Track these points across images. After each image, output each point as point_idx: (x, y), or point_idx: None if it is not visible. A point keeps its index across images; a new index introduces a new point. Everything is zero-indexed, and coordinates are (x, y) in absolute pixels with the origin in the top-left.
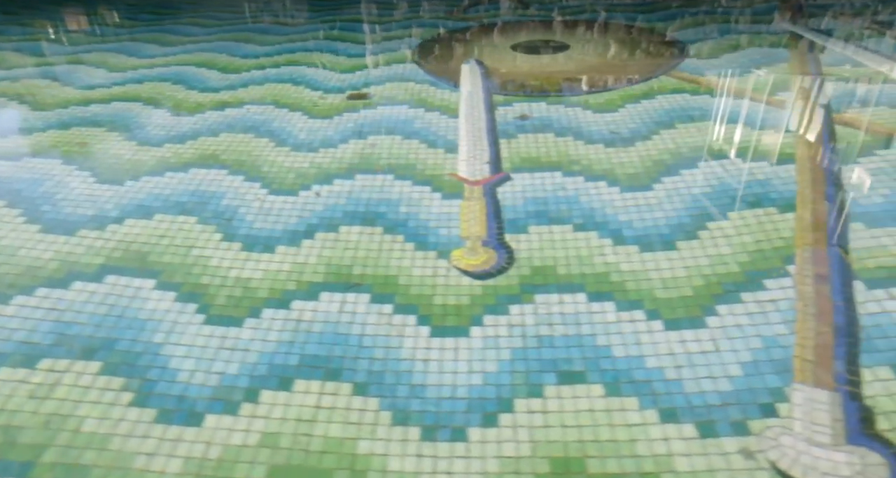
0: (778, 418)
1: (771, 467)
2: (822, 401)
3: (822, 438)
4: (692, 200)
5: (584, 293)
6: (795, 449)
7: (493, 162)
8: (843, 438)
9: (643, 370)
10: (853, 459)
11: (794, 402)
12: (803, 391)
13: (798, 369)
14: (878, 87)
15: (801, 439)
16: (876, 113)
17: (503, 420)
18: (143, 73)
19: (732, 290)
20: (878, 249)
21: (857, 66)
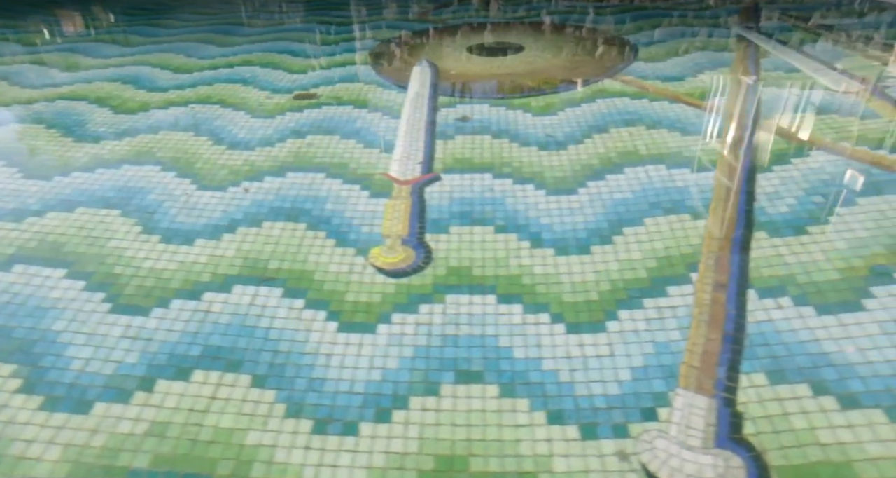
0: (657, 422)
1: (642, 468)
2: (700, 406)
3: (693, 441)
4: (613, 205)
5: (495, 295)
6: (667, 452)
7: (426, 162)
8: (712, 441)
9: (539, 372)
10: (717, 461)
11: (675, 407)
12: (684, 397)
13: (683, 375)
14: (807, 94)
15: (674, 442)
16: (799, 120)
17: (396, 417)
18: (95, 73)
19: (636, 295)
20: (775, 258)
21: (793, 72)
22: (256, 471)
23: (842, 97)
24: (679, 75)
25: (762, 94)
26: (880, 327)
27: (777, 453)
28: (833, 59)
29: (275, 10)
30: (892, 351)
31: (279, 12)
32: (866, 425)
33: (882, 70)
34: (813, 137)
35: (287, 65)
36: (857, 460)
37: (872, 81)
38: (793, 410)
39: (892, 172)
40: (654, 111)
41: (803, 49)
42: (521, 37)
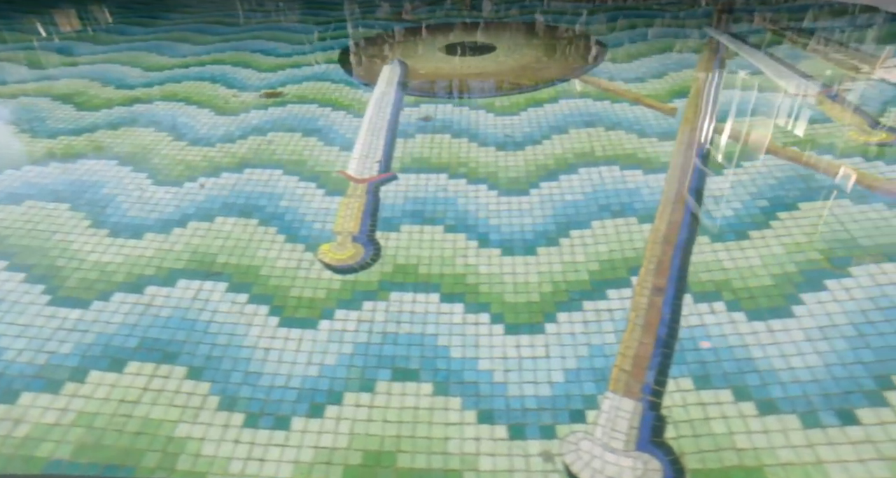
0: (584, 424)
1: (565, 469)
2: (626, 409)
3: (616, 444)
4: (563, 206)
5: (439, 294)
6: (590, 454)
7: (384, 161)
8: (633, 444)
9: (474, 372)
10: (637, 464)
11: (602, 409)
12: (612, 400)
13: (614, 378)
14: (765, 97)
15: (598, 444)
16: (753, 123)
17: (329, 412)
18: (65, 70)
19: (576, 298)
20: (714, 263)
21: (755, 76)
22: (182, 463)
23: (798, 101)
24: (644, 77)
25: (721, 97)
26: (805, 334)
27: (694, 456)
28: (796, 62)
29: (255, 9)
30: (813, 357)
31: (260, 11)
32: (780, 430)
33: (841, 74)
34: (765, 141)
35: (257, 63)
36: (769, 465)
37: (829, 85)
38: (714, 414)
39: (834, 177)
40: (614, 113)
41: (769, 52)
42: (496, 37)
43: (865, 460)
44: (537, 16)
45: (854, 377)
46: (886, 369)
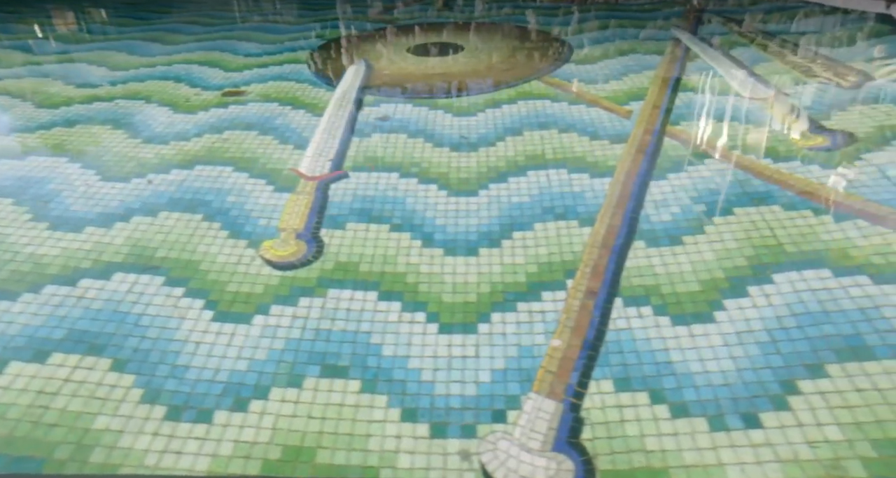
0: (505, 424)
1: (480, 468)
2: (547, 410)
3: (533, 444)
4: (509, 208)
5: (377, 292)
6: (507, 453)
7: (337, 160)
8: (550, 445)
9: (403, 370)
10: (551, 464)
11: (524, 410)
12: (535, 400)
13: (539, 379)
14: (717, 100)
15: (515, 444)
16: (703, 127)
17: (253, 406)
18: (30, 69)
19: (512, 299)
20: (647, 268)
21: (713, 78)
22: (96, 456)
23: (748, 104)
24: (604, 78)
25: (674, 100)
26: (723, 339)
27: (606, 457)
28: (753, 64)
29: (232, 9)
30: (727, 362)
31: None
32: (689, 433)
33: (794, 77)
34: (710, 145)
35: (225, 63)
36: (673, 467)
37: (780, 88)
38: (629, 417)
39: (771, 182)
40: (569, 115)
41: (729, 54)
42: (465, 37)
43: (762, 463)
44: (508, 17)
45: (762, 382)
46: (792, 374)
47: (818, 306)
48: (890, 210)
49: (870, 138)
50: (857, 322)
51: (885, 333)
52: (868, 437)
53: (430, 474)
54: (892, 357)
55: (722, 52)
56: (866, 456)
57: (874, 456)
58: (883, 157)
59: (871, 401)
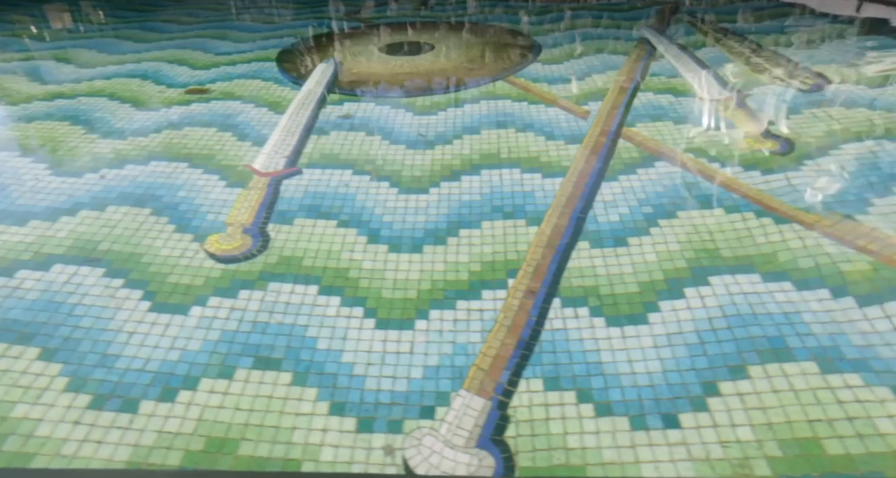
0: (432, 421)
1: (403, 463)
2: (475, 408)
3: (457, 440)
4: (458, 206)
5: (318, 286)
6: (431, 449)
7: (292, 157)
8: (474, 442)
9: (336, 364)
10: (472, 461)
11: (452, 407)
12: (464, 398)
13: (471, 377)
14: (675, 102)
15: (440, 440)
16: (656, 128)
17: (181, 397)
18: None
19: (452, 297)
20: (589, 268)
21: (673, 78)
22: (10, 444)
23: (705, 106)
24: (567, 78)
25: (632, 101)
26: (654, 341)
27: (527, 455)
28: (716, 65)
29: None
30: (654, 363)
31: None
32: (610, 431)
33: (753, 79)
34: (665, 147)
35: (194, 61)
36: (591, 464)
37: (739, 90)
38: (555, 415)
39: (718, 185)
40: (528, 114)
41: (694, 55)
42: (438, 37)
43: (676, 461)
44: (483, 16)
45: (685, 383)
46: (715, 375)
47: (745, 310)
48: (817, 218)
49: (815, 144)
50: (779, 325)
51: (805, 335)
52: (777, 437)
53: (353, 467)
54: (808, 360)
55: (686, 52)
56: (772, 455)
57: (780, 455)
58: (826, 163)
59: (784, 402)
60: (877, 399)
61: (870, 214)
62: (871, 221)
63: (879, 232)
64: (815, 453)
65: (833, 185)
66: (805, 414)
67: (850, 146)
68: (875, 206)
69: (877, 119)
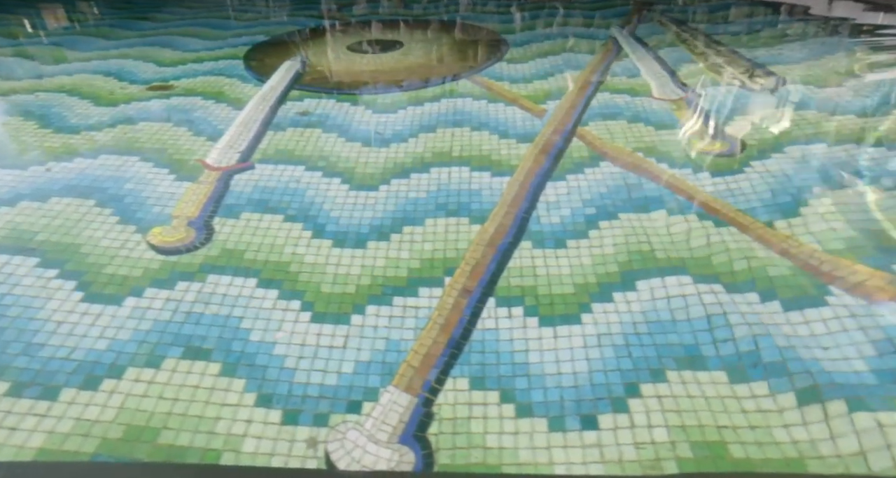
0: (358, 415)
1: (325, 456)
2: (401, 404)
3: (381, 435)
4: (405, 203)
5: (257, 279)
6: (354, 443)
7: (246, 152)
8: (397, 437)
9: (268, 356)
10: (393, 456)
11: (380, 402)
12: (392, 394)
13: (400, 374)
14: (631, 102)
15: (364, 435)
16: (609, 129)
17: (105, 385)
18: None
19: (389, 293)
20: (528, 269)
21: (633, 78)
22: None
23: (661, 107)
24: (531, 77)
25: (589, 100)
26: (583, 341)
27: (447, 452)
28: (678, 65)
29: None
30: (581, 364)
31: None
32: (528, 432)
33: (711, 79)
34: (615, 147)
35: (161, 58)
36: (507, 464)
37: (695, 91)
38: (477, 414)
39: (664, 187)
40: (486, 113)
41: (657, 55)
42: (408, 34)
43: (588, 463)
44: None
45: (608, 384)
46: (637, 377)
47: (673, 313)
48: (751, 220)
49: (762, 146)
50: (699, 331)
51: (723, 341)
52: (689, 439)
53: (273, 459)
54: (723, 364)
55: (651, 53)
56: (683, 457)
57: (690, 457)
58: (771, 166)
59: (697, 407)
60: (777, 408)
61: (802, 218)
62: (800, 225)
63: (805, 237)
64: (720, 455)
65: (775, 188)
66: (714, 419)
67: (797, 149)
68: (810, 209)
69: (826, 122)
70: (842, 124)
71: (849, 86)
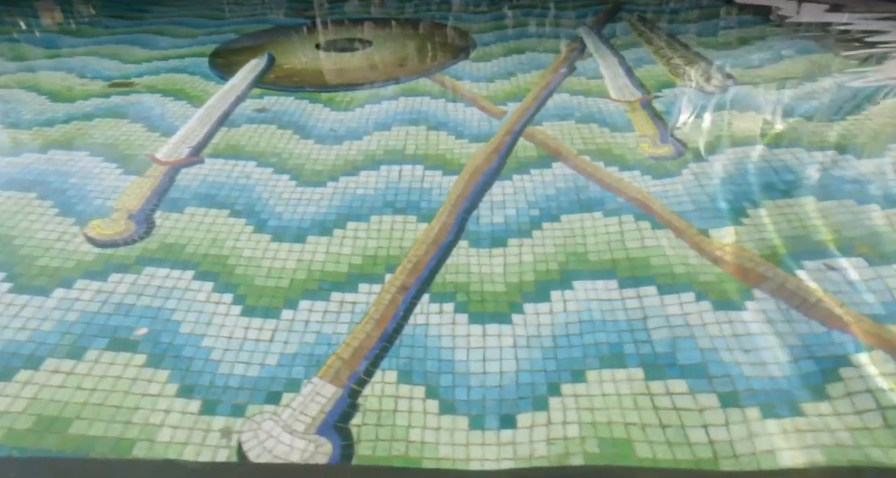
0: (277, 406)
1: (237, 445)
2: (324, 395)
3: (298, 426)
4: (351, 200)
5: (193, 271)
6: (269, 433)
7: (197, 147)
8: (314, 428)
9: (195, 348)
10: (309, 447)
11: (301, 393)
12: (315, 385)
13: (327, 366)
14: (587, 103)
15: (280, 425)
16: (561, 129)
17: (20, 376)
18: None
19: (327, 288)
20: (464, 266)
21: (591, 80)
22: None
23: (615, 107)
24: (493, 77)
25: (547, 100)
26: (513, 341)
27: (368, 444)
28: (638, 66)
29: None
30: (508, 363)
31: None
32: (450, 429)
33: (666, 80)
34: (563, 149)
35: (128, 55)
36: (427, 458)
37: (650, 93)
38: (403, 408)
39: (608, 189)
40: (443, 113)
41: (620, 55)
42: (380, 33)
43: (500, 460)
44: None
45: (532, 384)
46: (560, 377)
47: (599, 315)
48: (688, 224)
49: (707, 149)
50: (625, 332)
51: (644, 342)
52: (597, 435)
53: (186, 448)
54: (638, 365)
55: (615, 53)
56: (590, 452)
57: (596, 452)
58: (712, 169)
59: (609, 405)
60: (697, 407)
61: (734, 222)
62: (730, 230)
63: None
64: (626, 453)
65: (711, 192)
66: (623, 417)
67: (742, 152)
68: (748, 216)
69: (777, 125)
70: (789, 128)
71: (802, 89)
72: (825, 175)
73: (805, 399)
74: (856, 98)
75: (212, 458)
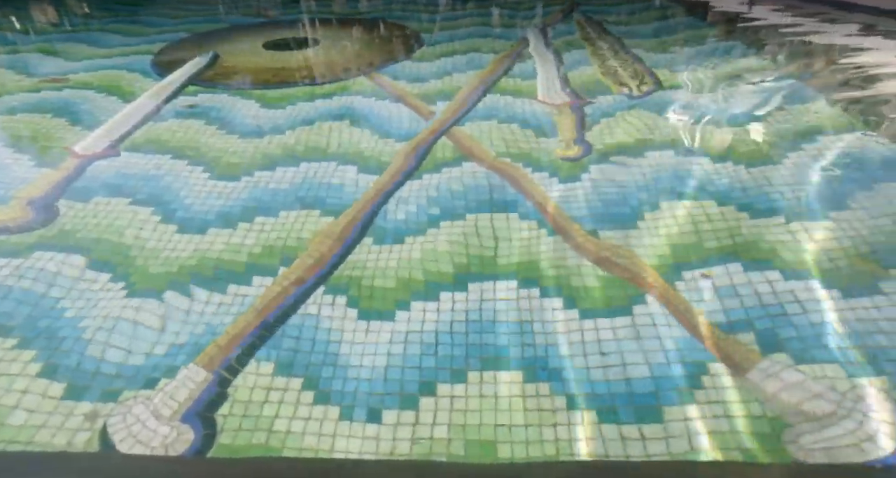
0: (150, 391)
1: (100, 429)
2: (196, 381)
3: (165, 412)
4: (263, 193)
5: (87, 258)
6: (136, 418)
7: (117, 141)
8: (180, 415)
9: (74, 330)
10: (171, 433)
11: (176, 378)
12: (189, 371)
13: (205, 353)
14: (514, 104)
15: (149, 410)
16: (482, 130)
17: None
18: None
19: (223, 278)
20: (360, 262)
21: (524, 81)
22: None
23: (541, 109)
24: (428, 76)
25: (476, 101)
26: (392, 337)
27: (230, 433)
28: (573, 68)
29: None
30: (381, 358)
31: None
32: (319, 419)
33: (596, 82)
34: (480, 149)
35: (73, 53)
36: (289, 448)
37: (576, 96)
38: (274, 399)
39: (518, 190)
40: (371, 112)
41: (559, 56)
42: (329, 32)
43: (363, 453)
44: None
45: (404, 380)
46: (435, 376)
47: (487, 315)
48: (577, 227)
49: (611, 152)
50: (511, 334)
51: (526, 346)
52: (465, 437)
53: (42, 432)
54: (518, 368)
55: (554, 54)
56: (454, 453)
57: (461, 454)
58: (613, 172)
59: (484, 407)
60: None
61: (625, 227)
62: (622, 234)
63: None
64: (489, 455)
65: (608, 196)
66: (494, 419)
67: (649, 155)
68: (643, 220)
69: (688, 129)
70: (707, 132)
71: (728, 92)
72: (723, 181)
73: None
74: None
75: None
